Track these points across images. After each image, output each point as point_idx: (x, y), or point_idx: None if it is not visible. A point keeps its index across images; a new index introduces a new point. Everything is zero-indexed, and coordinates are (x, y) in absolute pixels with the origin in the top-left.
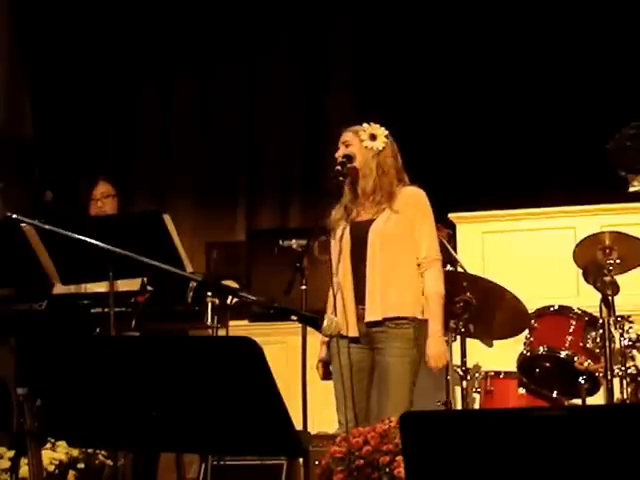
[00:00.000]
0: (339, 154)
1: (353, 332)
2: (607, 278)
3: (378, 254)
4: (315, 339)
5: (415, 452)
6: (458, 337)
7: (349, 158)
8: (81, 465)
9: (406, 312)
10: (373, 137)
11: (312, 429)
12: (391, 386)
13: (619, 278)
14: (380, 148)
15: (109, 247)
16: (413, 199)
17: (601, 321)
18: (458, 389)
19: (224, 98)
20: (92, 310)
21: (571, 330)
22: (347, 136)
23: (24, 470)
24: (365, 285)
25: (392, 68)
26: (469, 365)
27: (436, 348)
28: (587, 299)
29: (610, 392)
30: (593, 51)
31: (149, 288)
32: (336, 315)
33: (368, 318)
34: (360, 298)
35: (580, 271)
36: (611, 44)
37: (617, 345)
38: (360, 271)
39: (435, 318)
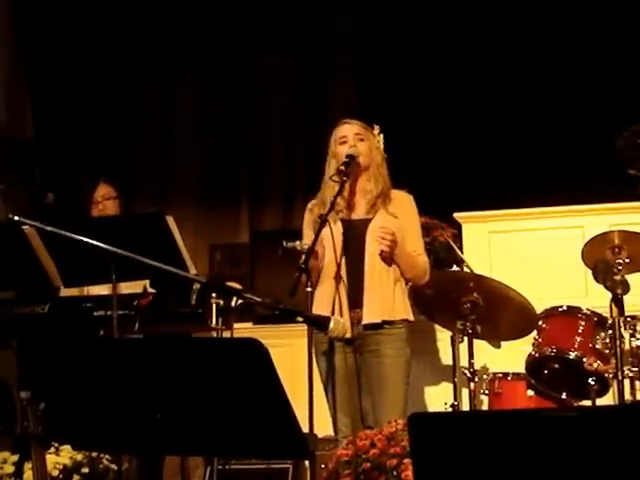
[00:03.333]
0: (350, 146)
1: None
2: (617, 277)
3: (376, 254)
4: None
5: (423, 454)
6: (465, 338)
7: (352, 157)
8: (85, 470)
9: (401, 314)
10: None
11: (318, 432)
12: (389, 386)
13: (629, 278)
14: (383, 153)
15: (112, 249)
16: (406, 202)
17: (611, 321)
18: (466, 391)
19: (226, 98)
20: (95, 313)
21: (580, 331)
22: (359, 129)
23: (28, 475)
24: (361, 287)
25: (396, 68)
26: (477, 367)
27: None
28: (596, 299)
29: (620, 393)
30: (601, 47)
31: (151, 290)
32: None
33: (367, 320)
34: (355, 301)
35: (589, 271)
36: (619, 40)
37: (627, 346)
38: (355, 272)
39: (411, 255)
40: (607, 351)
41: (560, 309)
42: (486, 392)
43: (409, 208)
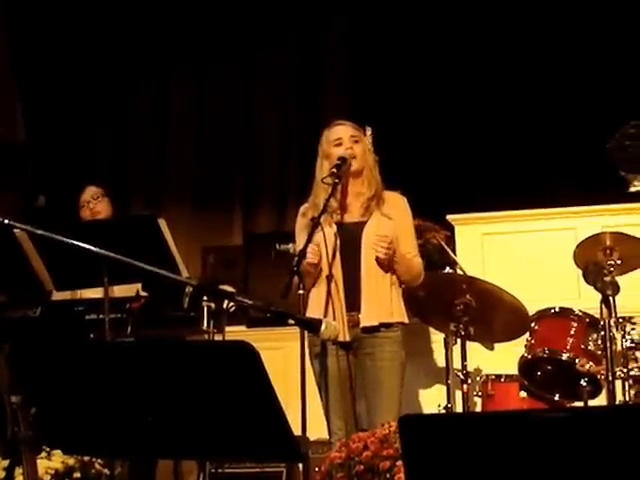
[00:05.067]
0: (346, 148)
1: (344, 338)
2: (607, 278)
3: (373, 257)
4: None
5: (414, 456)
6: (458, 340)
7: (344, 160)
8: (77, 474)
9: (397, 317)
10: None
11: (311, 435)
12: (384, 390)
13: (621, 279)
14: (374, 154)
15: (103, 252)
16: (399, 203)
17: (602, 322)
18: (459, 393)
19: (220, 100)
20: (87, 316)
21: (572, 332)
22: (354, 131)
23: None
24: (359, 290)
25: (389, 69)
26: (470, 369)
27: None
28: (588, 301)
29: (612, 394)
30: (593, 50)
31: (143, 294)
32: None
33: (364, 323)
34: (352, 304)
35: (581, 272)
36: (611, 43)
37: (619, 347)
38: (352, 275)
39: (406, 258)
40: (599, 352)
41: (552, 311)
42: (479, 394)
43: (403, 209)
